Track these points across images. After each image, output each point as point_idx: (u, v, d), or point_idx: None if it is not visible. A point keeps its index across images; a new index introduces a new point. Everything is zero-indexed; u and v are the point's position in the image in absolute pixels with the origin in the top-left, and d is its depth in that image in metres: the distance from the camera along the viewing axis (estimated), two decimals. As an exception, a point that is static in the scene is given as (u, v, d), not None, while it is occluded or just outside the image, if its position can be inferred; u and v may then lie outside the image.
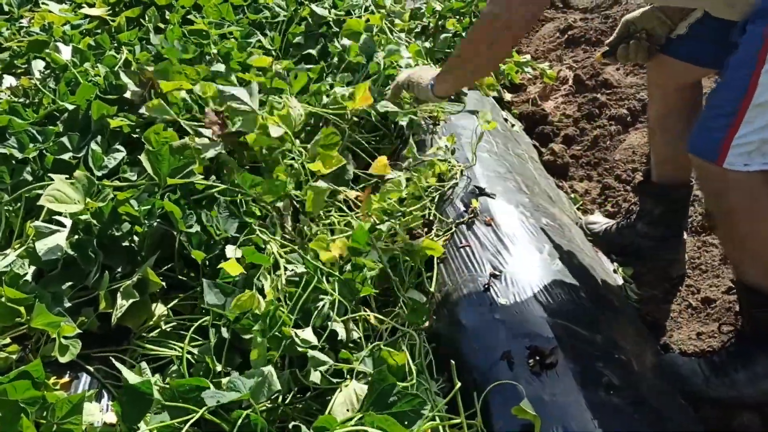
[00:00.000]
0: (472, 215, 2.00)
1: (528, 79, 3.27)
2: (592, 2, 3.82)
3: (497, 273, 1.77)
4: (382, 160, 2.22)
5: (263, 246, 1.82)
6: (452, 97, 2.57)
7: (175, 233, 1.81)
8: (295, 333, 1.48)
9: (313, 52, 2.96)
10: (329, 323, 1.57)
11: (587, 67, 3.19)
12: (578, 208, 2.50)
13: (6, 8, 3.31)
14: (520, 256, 1.83)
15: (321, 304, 1.59)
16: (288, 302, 1.62)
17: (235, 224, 1.86)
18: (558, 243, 1.95)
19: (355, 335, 1.63)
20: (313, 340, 1.50)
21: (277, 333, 1.48)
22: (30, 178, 2.01)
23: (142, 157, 1.78)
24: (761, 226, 1.60)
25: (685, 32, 1.94)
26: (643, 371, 1.63)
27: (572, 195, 2.57)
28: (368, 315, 1.66)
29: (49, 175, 1.89)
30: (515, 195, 2.11)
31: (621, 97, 2.97)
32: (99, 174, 1.91)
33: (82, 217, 1.72)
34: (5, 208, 1.92)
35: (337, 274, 1.70)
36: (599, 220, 2.36)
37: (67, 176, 1.73)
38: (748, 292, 1.67)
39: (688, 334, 1.94)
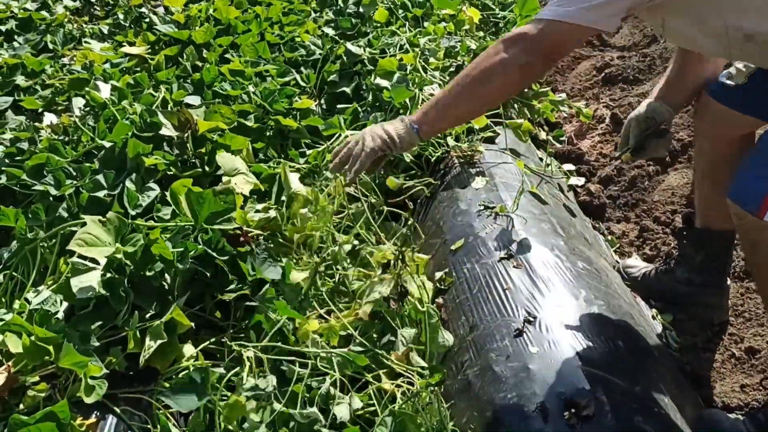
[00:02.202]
0: (505, 257, 1.96)
1: (564, 118, 3.23)
2: (630, 40, 3.78)
3: (531, 318, 1.72)
4: (392, 180, 2.25)
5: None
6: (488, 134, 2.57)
7: (207, 273, 1.81)
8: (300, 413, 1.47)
9: (348, 90, 2.98)
10: (333, 401, 1.55)
11: (625, 105, 3.14)
12: (615, 251, 2.43)
13: (51, 46, 3.41)
14: (555, 301, 1.78)
15: (322, 385, 1.57)
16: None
17: (276, 269, 1.85)
18: (594, 288, 1.89)
19: (358, 404, 1.59)
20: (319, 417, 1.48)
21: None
22: (66, 214, 2.04)
23: (181, 200, 1.79)
24: None
25: (743, 82, 1.85)
26: (684, 426, 1.56)
27: (609, 237, 2.51)
28: (382, 384, 1.63)
29: (83, 216, 1.92)
30: (550, 237, 2.06)
31: (659, 136, 2.91)
32: (133, 213, 1.92)
33: (117, 255, 1.72)
34: (40, 244, 1.95)
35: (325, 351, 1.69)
36: (637, 264, 2.29)
37: (101, 217, 1.74)
38: None
39: (732, 386, 1.86)
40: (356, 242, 2.07)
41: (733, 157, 1.93)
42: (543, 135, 3.06)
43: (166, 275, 1.82)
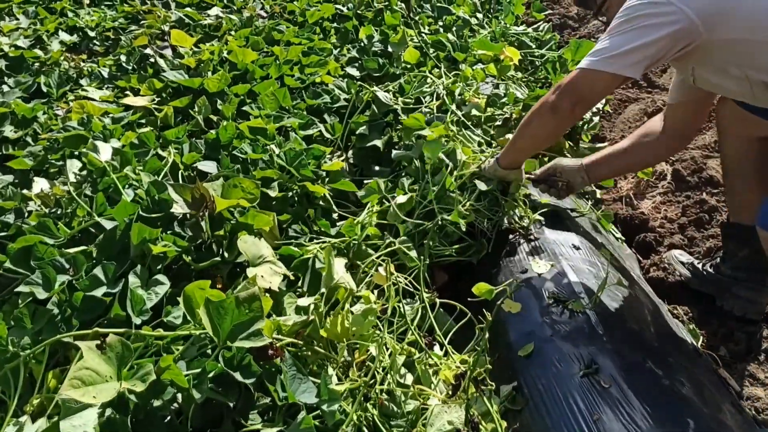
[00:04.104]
0: (590, 371, 1.62)
1: (618, 173, 2.87)
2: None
3: (636, 467, 1.38)
4: (484, 285, 1.88)
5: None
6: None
7: (230, 404, 1.47)
8: None
9: (379, 143, 2.64)
10: None
11: (687, 160, 2.81)
12: (702, 345, 2.06)
13: (45, 89, 3.06)
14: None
15: None
16: None
17: (309, 387, 1.50)
18: (697, 410, 1.55)
19: None
20: None
21: None
22: (56, 310, 1.69)
23: (200, 312, 1.44)
24: None
25: None
26: None
27: (692, 326, 2.14)
28: None
29: (75, 320, 1.59)
30: (638, 342, 1.73)
31: (732, 198, 2.57)
32: (138, 321, 1.57)
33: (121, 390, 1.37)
34: (26, 354, 1.59)
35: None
36: (683, 259, 2.35)
37: (98, 338, 1.39)
38: None
39: None
40: (412, 349, 1.72)
41: (756, 155, 2.04)
42: (597, 193, 2.72)
43: (178, 396, 1.49)
